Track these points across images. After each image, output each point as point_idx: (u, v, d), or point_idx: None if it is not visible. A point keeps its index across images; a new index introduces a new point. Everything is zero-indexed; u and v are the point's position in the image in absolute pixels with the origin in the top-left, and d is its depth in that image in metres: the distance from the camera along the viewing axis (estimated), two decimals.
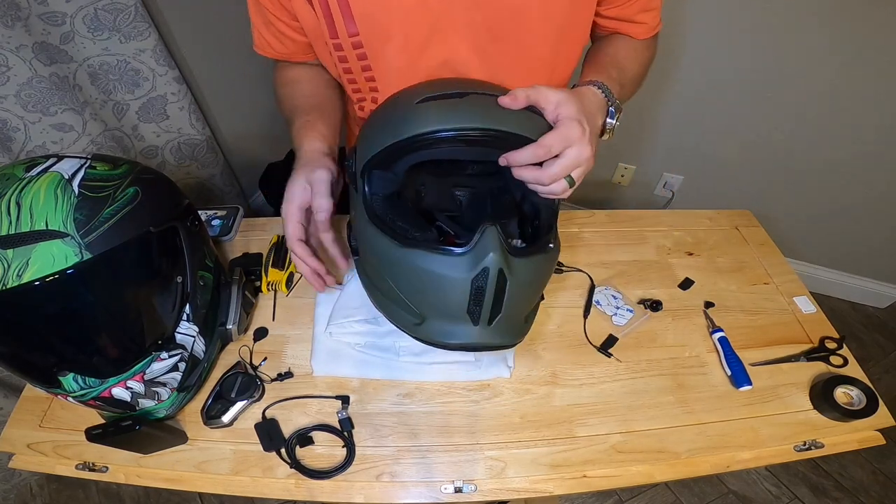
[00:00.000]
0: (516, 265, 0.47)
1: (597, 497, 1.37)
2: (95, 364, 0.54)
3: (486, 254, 0.45)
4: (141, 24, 1.16)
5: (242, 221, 0.89)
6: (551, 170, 0.48)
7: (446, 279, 0.47)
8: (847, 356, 0.69)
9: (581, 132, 0.48)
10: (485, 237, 0.46)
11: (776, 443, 0.62)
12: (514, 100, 0.49)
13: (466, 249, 0.46)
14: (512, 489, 0.58)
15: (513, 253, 0.47)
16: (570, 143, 0.48)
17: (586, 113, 0.51)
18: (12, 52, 0.97)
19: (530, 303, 0.55)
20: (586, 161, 0.50)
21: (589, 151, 0.49)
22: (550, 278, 0.58)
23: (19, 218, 0.45)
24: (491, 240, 0.45)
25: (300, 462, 0.59)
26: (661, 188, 1.81)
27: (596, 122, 0.55)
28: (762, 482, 1.38)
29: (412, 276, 0.50)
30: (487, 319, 0.48)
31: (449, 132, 0.47)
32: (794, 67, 1.35)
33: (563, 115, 0.49)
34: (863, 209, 1.55)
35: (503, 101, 0.49)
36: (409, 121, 0.49)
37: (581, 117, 0.49)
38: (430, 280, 0.48)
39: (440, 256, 0.47)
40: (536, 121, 0.50)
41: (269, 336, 0.72)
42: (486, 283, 0.46)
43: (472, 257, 0.46)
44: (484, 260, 0.45)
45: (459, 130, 0.48)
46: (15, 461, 0.62)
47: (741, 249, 0.85)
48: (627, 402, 0.65)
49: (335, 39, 0.61)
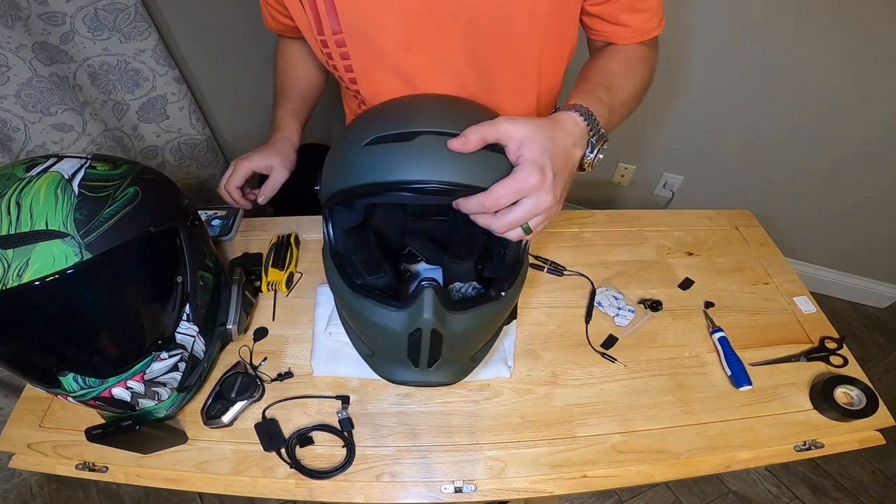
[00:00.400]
0: (453, 321, 0.49)
1: (597, 497, 1.37)
2: (95, 364, 0.53)
3: (419, 314, 0.48)
4: (141, 24, 1.16)
5: (242, 221, 0.89)
6: (503, 220, 0.45)
7: (386, 330, 0.50)
8: (847, 356, 0.69)
9: (540, 180, 0.44)
10: (421, 298, 0.47)
11: (776, 443, 0.62)
12: (464, 144, 0.44)
13: (403, 306, 0.49)
14: (512, 489, 0.58)
15: (452, 309, 0.49)
16: (525, 193, 0.44)
17: (555, 152, 0.46)
18: (12, 52, 0.97)
19: (475, 346, 0.56)
20: (545, 211, 0.45)
21: (549, 201, 0.45)
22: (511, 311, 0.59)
23: (19, 218, 0.45)
24: (426, 301, 0.47)
25: (300, 462, 0.59)
26: (661, 188, 1.81)
27: (571, 158, 0.50)
28: (762, 482, 1.38)
29: (360, 318, 0.53)
30: (426, 365, 0.51)
31: (392, 184, 0.46)
32: (794, 67, 1.35)
33: (524, 157, 0.44)
34: (863, 209, 1.55)
35: (452, 144, 0.45)
36: (355, 167, 0.49)
37: (545, 160, 0.44)
38: (373, 327, 0.52)
39: (380, 308, 0.50)
40: (493, 163, 0.46)
41: (269, 336, 0.72)
42: (420, 340, 0.49)
43: (409, 315, 0.48)
44: (418, 320, 0.48)
45: (403, 184, 0.46)
46: (15, 461, 0.62)
47: (741, 249, 0.85)
48: (627, 402, 0.65)
49: (321, 36, 0.63)
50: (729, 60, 1.41)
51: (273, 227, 0.87)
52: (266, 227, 0.88)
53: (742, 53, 1.38)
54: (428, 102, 0.56)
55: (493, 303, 0.52)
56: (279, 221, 0.89)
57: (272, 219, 0.90)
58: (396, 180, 0.46)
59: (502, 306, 0.54)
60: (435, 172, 0.45)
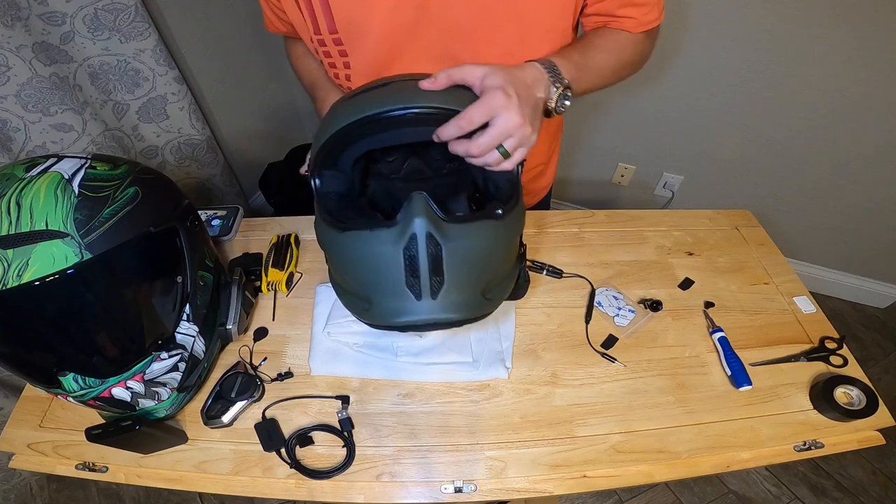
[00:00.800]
0: (452, 230, 0.45)
1: (597, 497, 1.37)
2: (95, 364, 0.54)
3: (411, 220, 0.44)
4: (141, 24, 1.16)
5: (242, 221, 0.89)
6: (479, 140, 0.48)
7: (380, 254, 0.46)
8: (847, 356, 0.69)
9: (506, 100, 0.47)
10: (411, 204, 0.45)
11: (776, 443, 0.62)
12: (433, 83, 0.49)
13: (394, 222, 0.45)
14: (512, 489, 0.58)
15: (448, 219, 0.46)
16: (495, 112, 0.47)
17: (516, 82, 0.50)
18: (12, 52, 0.97)
19: (483, 273, 0.49)
20: (517, 129, 0.48)
21: (518, 119, 0.48)
22: (516, 250, 0.55)
23: (19, 218, 0.45)
24: (417, 206, 0.44)
25: (300, 462, 0.59)
26: (661, 188, 1.81)
27: (532, 94, 0.52)
28: (762, 482, 1.38)
29: (353, 259, 0.49)
30: (430, 292, 0.45)
31: (373, 116, 0.48)
32: (794, 67, 1.35)
33: (487, 85, 0.48)
34: (863, 209, 1.55)
35: (423, 84, 0.49)
36: (338, 115, 0.51)
37: (508, 86, 0.48)
38: (367, 259, 0.48)
39: (372, 233, 0.47)
40: (464, 95, 0.49)
41: (269, 336, 0.72)
42: (417, 251, 0.44)
43: (401, 227, 0.45)
44: (410, 226, 0.44)
45: (382, 113, 0.48)
46: (15, 461, 0.62)
47: (741, 249, 0.85)
48: (627, 402, 0.65)
49: (318, 35, 0.64)
50: (729, 60, 1.41)
51: (273, 227, 0.87)
52: (266, 227, 0.88)
53: (742, 53, 1.38)
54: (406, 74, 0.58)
55: (493, 221, 0.49)
56: (279, 221, 0.89)
57: (272, 219, 0.90)
58: (378, 111, 0.48)
59: (505, 230, 0.50)
60: (413, 102, 0.48)
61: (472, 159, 0.50)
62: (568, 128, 1.76)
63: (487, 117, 0.47)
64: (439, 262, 0.45)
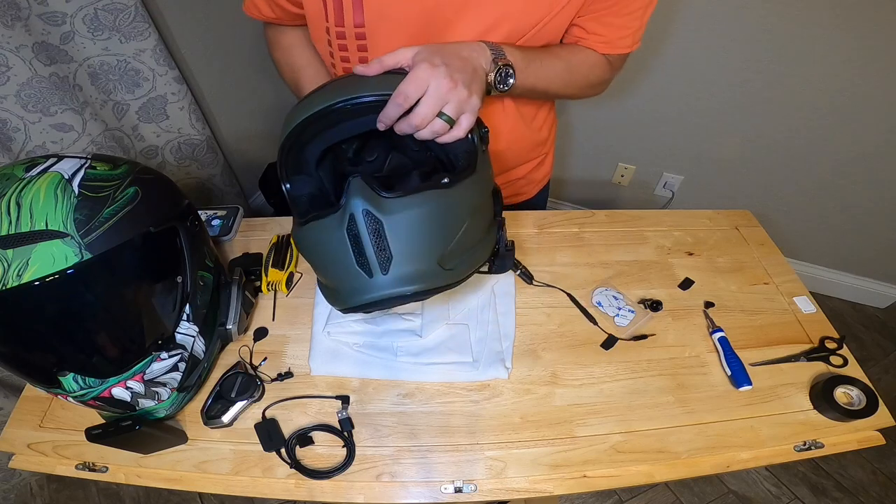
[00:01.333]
0: (391, 205, 0.47)
1: (597, 497, 1.37)
2: (95, 364, 0.54)
3: (349, 201, 0.46)
4: (141, 24, 1.16)
5: (242, 221, 0.89)
6: (417, 112, 0.49)
7: (329, 240, 0.49)
8: (847, 356, 0.69)
9: (431, 69, 0.49)
10: (349, 188, 0.46)
11: (776, 443, 0.62)
12: (366, 68, 0.52)
13: (338, 209, 0.47)
14: (512, 489, 0.58)
15: (388, 195, 0.47)
16: (425, 83, 0.49)
17: (446, 52, 0.53)
18: (12, 52, 0.97)
19: (436, 243, 0.49)
20: (450, 93, 0.50)
21: (447, 82, 0.49)
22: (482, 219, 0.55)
23: (19, 218, 0.45)
24: (353, 188, 0.46)
25: (300, 462, 0.59)
26: (661, 188, 1.81)
27: (468, 63, 0.54)
28: (762, 482, 1.38)
29: (312, 249, 0.53)
30: (380, 268, 0.47)
31: (317, 113, 0.51)
32: (794, 67, 1.35)
33: (416, 61, 0.51)
34: (863, 209, 1.56)
35: (357, 69, 0.53)
36: (290, 119, 0.54)
37: (434, 57, 0.51)
38: (321, 246, 0.51)
39: (320, 221, 0.49)
40: (398, 77, 0.51)
41: (269, 336, 0.72)
42: (358, 229, 0.46)
43: (343, 211, 0.47)
44: (349, 207, 0.46)
45: (324, 110, 0.51)
46: (15, 461, 0.62)
47: (741, 249, 0.85)
48: (627, 402, 0.65)
49: (339, 27, 0.63)
50: (729, 60, 1.41)
51: (273, 227, 0.87)
52: (266, 227, 0.88)
53: (742, 53, 1.38)
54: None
55: (437, 191, 0.48)
56: (279, 221, 0.89)
57: (272, 219, 0.90)
58: (316, 110, 0.51)
59: (456, 198, 0.50)
60: (347, 93, 0.51)
61: (422, 134, 0.51)
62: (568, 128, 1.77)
63: (420, 90, 0.49)
64: (381, 235, 0.46)
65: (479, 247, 0.55)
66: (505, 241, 0.60)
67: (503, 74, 0.59)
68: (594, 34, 0.67)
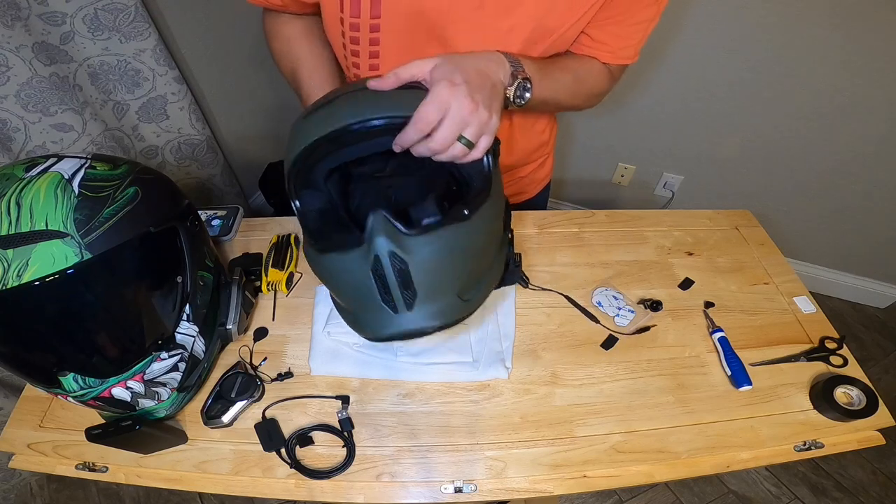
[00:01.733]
0: (415, 244, 0.45)
1: (597, 497, 1.37)
2: (95, 364, 0.54)
3: (372, 241, 0.45)
4: (141, 24, 1.16)
5: (242, 221, 0.89)
6: (436, 136, 0.47)
7: (353, 274, 0.47)
8: (847, 356, 0.69)
9: (452, 89, 0.46)
10: (371, 225, 0.45)
11: (776, 443, 0.62)
12: (382, 82, 0.49)
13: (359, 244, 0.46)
14: (512, 489, 0.58)
15: (410, 232, 0.46)
16: (445, 104, 0.46)
17: (465, 67, 0.49)
18: (12, 52, 0.97)
19: (457, 277, 0.49)
20: (471, 116, 0.47)
21: (469, 104, 0.47)
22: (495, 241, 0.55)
23: (19, 218, 0.45)
24: (376, 226, 0.45)
25: (300, 462, 0.59)
26: (661, 188, 1.81)
27: (488, 78, 0.52)
28: (762, 482, 1.38)
29: (332, 278, 0.52)
30: (405, 305, 0.46)
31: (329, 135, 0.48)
32: (793, 67, 1.35)
33: (434, 78, 0.48)
34: (863, 209, 1.56)
35: (371, 83, 0.49)
36: (291, 140, 0.51)
37: (454, 74, 0.47)
38: (343, 279, 0.50)
39: (342, 255, 0.48)
40: (415, 97, 0.48)
41: (269, 336, 0.72)
42: (383, 270, 0.45)
43: (366, 248, 0.45)
44: (373, 248, 0.45)
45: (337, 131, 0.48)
46: (15, 461, 0.62)
47: (741, 249, 0.85)
48: (627, 402, 0.65)
49: (355, 18, 0.61)
50: (729, 60, 1.41)
51: (273, 227, 0.87)
52: (266, 227, 0.88)
53: (742, 53, 1.38)
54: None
55: (458, 224, 0.47)
56: (279, 221, 0.89)
57: (272, 219, 0.90)
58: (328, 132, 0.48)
59: (474, 229, 0.49)
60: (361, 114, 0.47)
61: (439, 157, 0.49)
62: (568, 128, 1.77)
63: (441, 112, 0.46)
64: (407, 276, 0.46)
65: (492, 269, 0.55)
66: (513, 257, 0.60)
67: (521, 89, 0.57)
68: (600, 43, 0.67)
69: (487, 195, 0.50)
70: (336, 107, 0.50)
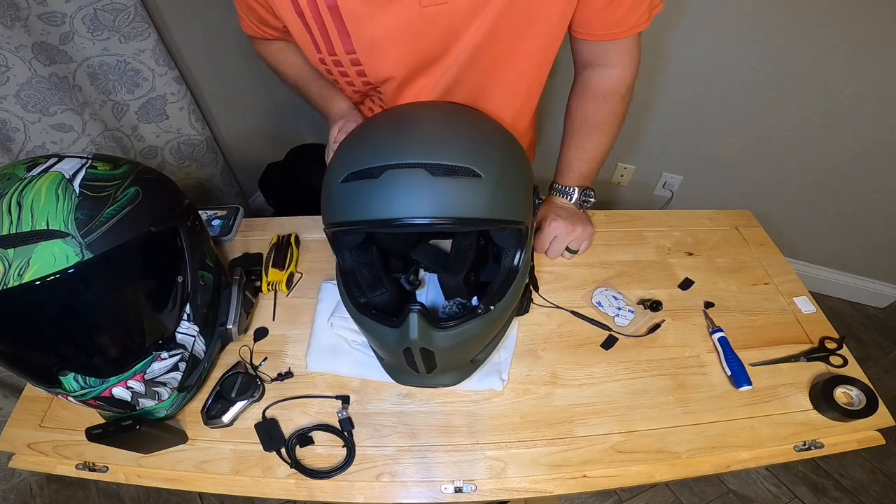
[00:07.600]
0: (440, 338, 0.53)
1: (597, 497, 1.37)
2: (96, 364, 0.54)
3: (407, 335, 0.52)
4: (141, 25, 1.16)
5: (242, 221, 0.89)
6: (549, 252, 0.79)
7: (384, 344, 0.57)
8: (847, 356, 0.69)
9: (551, 229, 0.78)
10: (407, 321, 0.52)
11: (776, 443, 0.62)
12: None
13: (395, 325, 0.54)
14: (512, 489, 0.58)
15: (438, 328, 0.53)
16: (549, 236, 0.78)
17: (561, 213, 0.79)
18: (12, 52, 0.97)
19: (470, 354, 0.61)
20: (569, 234, 0.78)
21: (562, 228, 0.77)
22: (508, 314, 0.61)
23: (20, 218, 0.45)
24: (411, 325, 0.52)
25: (300, 462, 0.59)
26: (660, 188, 1.81)
27: (571, 211, 0.81)
28: (762, 482, 1.38)
29: (367, 332, 0.60)
30: (426, 372, 0.57)
31: (365, 223, 0.51)
32: (793, 67, 1.35)
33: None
34: (863, 209, 1.55)
35: None
36: (334, 205, 0.53)
37: (553, 220, 0.78)
38: (377, 340, 0.59)
39: (377, 325, 0.56)
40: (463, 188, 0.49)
41: (270, 336, 0.72)
42: (412, 355, 0.54)
43: (399, 334, 0.53)
44: (406, 340, 0.53)
45: (374, 222, 0.50)
46: (15, 461, 0.62)
47: (741, 249, 0.85)
48: (627, 402, 0.65)
49: (333, 56, 0.63)
50: (728, 60, 1.41)
51: (273, 227, 0.87)
52: (266, 227, 0.88)
53: (741, 53, 1.38)
54: (409, 126, 0.56)
55: (479, 318, 0.55)
56: (279, 221, 0.89)
57: (272, 219, 0.90)
58: (367, 219, 0.50)
59: (492, 319, 0.56)
60: (402, 209, 0.48)
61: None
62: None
63: (549, 240, 0.78)
64: (432, 359, 0.55)
65: (505, 327, 0.65)
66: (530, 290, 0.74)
67: (586, 198, 0.83)
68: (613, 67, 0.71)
69: (509, 286, 0.57)
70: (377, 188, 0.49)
